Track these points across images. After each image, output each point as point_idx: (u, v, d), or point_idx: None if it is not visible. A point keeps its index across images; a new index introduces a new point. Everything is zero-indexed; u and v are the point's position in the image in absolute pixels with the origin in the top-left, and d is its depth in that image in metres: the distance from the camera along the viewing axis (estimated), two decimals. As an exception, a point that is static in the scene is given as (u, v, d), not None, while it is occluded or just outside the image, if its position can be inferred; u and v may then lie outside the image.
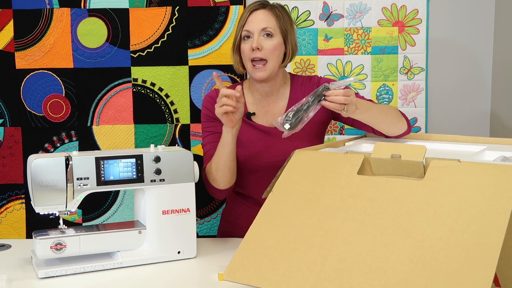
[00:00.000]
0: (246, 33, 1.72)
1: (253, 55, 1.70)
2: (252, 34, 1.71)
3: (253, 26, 1.71)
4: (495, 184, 1.13)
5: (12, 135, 2.20)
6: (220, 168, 1.68)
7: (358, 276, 1.10)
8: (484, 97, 2.49)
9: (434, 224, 1.12)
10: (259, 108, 1.81)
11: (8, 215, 2.23)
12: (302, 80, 1.84)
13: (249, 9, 1.75)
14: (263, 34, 1.71)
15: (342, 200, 1.26)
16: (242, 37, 1.73)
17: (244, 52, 1.73)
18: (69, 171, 1.49)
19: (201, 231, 2.27)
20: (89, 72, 2.20)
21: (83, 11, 2.17)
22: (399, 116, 1.71)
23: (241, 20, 1.74)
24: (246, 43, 1.72)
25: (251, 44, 1.70)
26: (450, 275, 1.03)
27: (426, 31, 2.26)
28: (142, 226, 1.59)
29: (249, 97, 1.83)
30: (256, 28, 1.71)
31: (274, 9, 1.75)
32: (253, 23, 1.72)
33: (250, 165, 1.77)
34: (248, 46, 1.71)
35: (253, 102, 1.82)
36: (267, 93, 1.80)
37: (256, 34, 1.70)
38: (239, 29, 1.74)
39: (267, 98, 1.81)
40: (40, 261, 1.51)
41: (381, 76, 2.28)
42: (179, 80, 2.22)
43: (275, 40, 1.72)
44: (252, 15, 1.73)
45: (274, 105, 1.81)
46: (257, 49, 1.69)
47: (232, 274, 1.23)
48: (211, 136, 1.80)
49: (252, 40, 1.71)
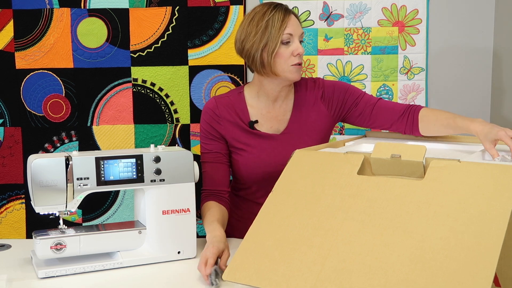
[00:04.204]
0: (287, 37, 1.68)
1: (297, 60, 1.69)
2: (293, 38, 1.69)
3: (295, 30, 1.69)
4: (495, 184, 1.13)
5: (12, 135, 2.20)
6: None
7: (358, 276, 1.10)
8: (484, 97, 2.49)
9: (434, 224, 1.12)
10: (263, 113, 1.79)
11: (8, 215, 2.23)
12: (306, 84, 1.82)
13: (283, 12, 1.69)
14: (300, 39, 1.71)
15: (342, 200, 1.26)
16: (282, 40, 1.68)
17: (285, 56, 1.68)
18: (69, 171, 1.49)
19: (201, 231, 2.27)
20: (89, 72, 2.20)
21: (83, 11, 2.18)
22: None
23: (277, 22, 1.68)
24: (287, 47, 1.69)
25: (293, 48, 1.68)
26: (450, 275, 1.03)
27: (426, 31, 2.26)
28: (142, 226, 1.59)
29: (254, 102, 1.80)
30: (297, 33, 1.70)
31: (296, 14, 1.75)
32: (295, 27, 1.70)
33: (253, 173, 1.76)
34: (289, 50, 1.69)
35: (257, 107, 1.79)
36: (276, 97, 1.78)
37: (297, 39, 1.70)
38: (277, 31, 1.67)
39: (273, 104, 1.79)
40: (40, 261, 1.51)
41: (381, 76, 2.28)
42: (179, 80, 2.22)
43: (302, 45, 1.73)
44: (290, 19, 1.69)
45: (279, 110, 1.79)
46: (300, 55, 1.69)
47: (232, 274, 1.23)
48: (210, 156, 1.77)
49: (294, 44, 1.69)
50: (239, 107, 1.79)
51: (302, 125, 1.78)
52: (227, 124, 1.77)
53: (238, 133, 1.77)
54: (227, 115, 1.78)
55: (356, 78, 2.29)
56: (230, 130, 1.77)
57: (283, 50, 1.68)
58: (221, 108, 1.78)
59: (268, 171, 1.74)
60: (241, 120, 1.77)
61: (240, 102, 1.79)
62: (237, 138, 1.77)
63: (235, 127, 1.77)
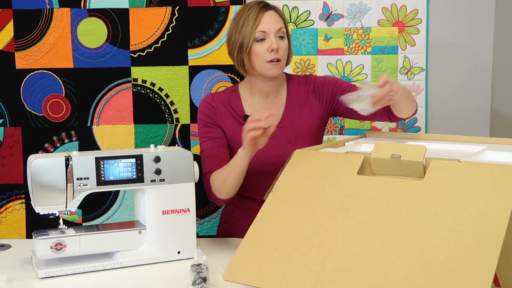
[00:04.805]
0: (260, 34, 1.69)
1: (272, 56, 1.69)
2: (267, 36, 1.70)
3: (269, 27, 1.70)
4: (495, 184, 1.13)
5: (12, 135, 2.20)
6: (227, 184, 1.66)
7: (358, 276, 1.10)
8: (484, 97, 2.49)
9: (434, 224, 1.12)
10: (257, 109, 1.81)
11: (8, 215, 2.23)
12: (299, 80, 1.84)
13: (258, 9, 1.71)
14: (277, 35, 1.71)
15: (342, 200, 1.26)
16: (255, 38, 1.70)
17: (260, 53, 1.70)
18: (69, 171, 1.49)
19: (201, 231, 2.27)
20: (89, 72, 2.20)
21: (83, 11, 2.17)
22: (411, 95, 1.74)
23: (250, 20, 1.70)
24: (262, 45, 1.70)
25: (268, 45, 1.69)
26: (450, 275, 1.03)
27: (426, 31, 2.26)
28: (142, 226, 1.59)
29: (248, 98, 1.82)
30: (272, 29, 1.70)
31: (278, 10, 1.75)
32: (269, 23, 1.70)
33: (250, 167, 1.77)
34: (264, 48, 1.69)
35: (252, 103, 1.82)
36: (268, 93, 1.80)
37: (272, 35, 1.69)
38: (250, 29, 1.69)
39: (266, 99, 1.81)
40: (40, 261, 1.51)
41: (381, 76, 2.28)
42: (179, 80, 2.22)
43: (285, 41, 1.73)
44: (264, 16, 1.70)
45: (272, 105, 1.81)
46: (276, 51, 1.69)
47: (232, 274, 1.23)
48: (209, 142, 1.79)
49: (268, 41, 1.69)
50: (235, 102, 1.82)
51: (295, 119, 1.80)
52: (223, 116, 1.80)
53: (234, 126, 1.79)
54: (223, 108, 1.81)
55: (356, 78, 2.29)
56: (227, 122, 1.80)
57: (258, 48, 1.70)
58: (217, 102, 1.82)
59: (264, 164, 1.75)
60: (237, 114, 1.80)
61: (236, 98, 1.83)
62: (233, 131, 1.78)
63: (231, 120, 1.80)
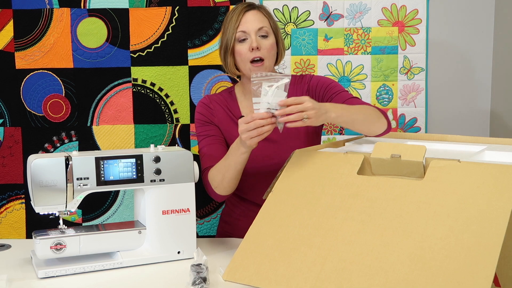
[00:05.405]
0: (241, 35, 1.71)
1: (253, 55, 1.70)
2: (248, 35, 1.71)
3: (249, 26, 1.71)
4: (495, 184, 1.13)
5: (12, 135, 2.20)
6: (227, 180, 1.65)
7: (358, 276, 1.10)
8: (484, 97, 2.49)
9: (434, 224, 1.12)
10: (252, 111, 1.80)
11: (8, 215, 2.23)
12: (294, 80, 1.84)
13: (239, 11, 1.73)
14: (259, 34, 1.71)
15: (342, 200, 1.26)
16: (236, 38, 1.72)
17: (242, 53, 1.71)
18: (69, 171, 1.49)
19: (201, 231, 2.27)
20: (89, 72, 2.20)
21: (83, 11, 2.17)
22: (379, 115, 1.64)
23: (232, 22, 1.72)
24: (243, 44, 1.71)
25: (249, 45, 1.70)
26: (450, 275, 1.03)
27: (426, 31, 2.26)
28: (142, 226, 1.59)
29: (243, 100, 1.83)
30: (252, 29, 1.71)
31: (262, 9, 1.76)
32: (249, 23, 1.71)
33: (247, 169, 1.77)
34: (246, 47, 1.70)
35: (246, 105, 1.81)
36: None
37: (253, 35, 1.70)
38: (232, 30, 1.71)
39: None
40: (40, 261, 1.51)
41: (381, 76, 2.28)
42: (179, 80, 2.22)
43: (270, 40, 1.73)
44: (245, 16, 1.72)
45: None
46: (256, 49, 1.69)
47: (232, 274, 1.23)
48: (207, 139, 1.79)
49: (249, 40, 1.70)
50: (231, 103, 1.83)
51: None
52: (220, 116, 1.81)
53: (230, 126, 1.79)
54: (219, 109, 1.82)
55: (356, 78, 2.29)
56: (223, 122, 1.80)
57: (240, 48, 1.72)
58: (214, 104, 1.83)
59: (260, 165, 1.75)
60: (233, 115, 1.81)
61: (232, 99, 1.84)
62: (230, 131, 1.79)
63: (228, 120, 1.80)
